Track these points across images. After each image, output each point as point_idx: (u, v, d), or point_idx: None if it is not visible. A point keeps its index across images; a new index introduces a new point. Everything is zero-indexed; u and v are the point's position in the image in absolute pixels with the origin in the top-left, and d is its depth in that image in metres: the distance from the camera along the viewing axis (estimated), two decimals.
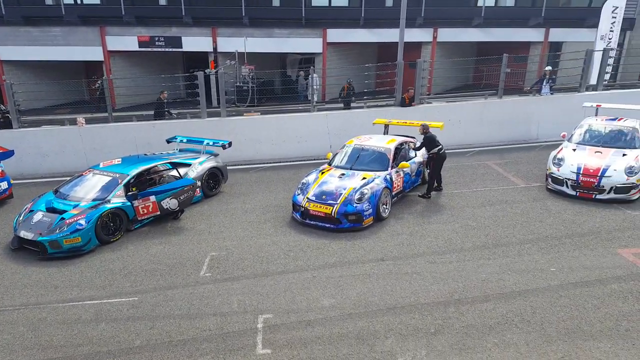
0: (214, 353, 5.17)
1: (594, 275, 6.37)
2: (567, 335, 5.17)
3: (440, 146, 9.33)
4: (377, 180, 8.45)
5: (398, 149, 9.36)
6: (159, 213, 8.47)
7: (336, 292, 6.21)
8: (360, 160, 9.12)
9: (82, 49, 20.83)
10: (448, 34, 21.68)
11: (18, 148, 10.92)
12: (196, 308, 6.03)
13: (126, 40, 20.99)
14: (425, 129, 9.41)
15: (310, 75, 13.62)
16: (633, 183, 8.64)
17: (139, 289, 6.58)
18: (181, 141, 10.86)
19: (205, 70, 15.10)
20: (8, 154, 10.15)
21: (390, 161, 8.96)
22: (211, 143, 10.60)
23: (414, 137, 10.31)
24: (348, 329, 5.44)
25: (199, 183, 9.65)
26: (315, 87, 13.96)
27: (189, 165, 9.86)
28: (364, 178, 8.50)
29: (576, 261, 6.76)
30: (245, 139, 12.47)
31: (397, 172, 8.95)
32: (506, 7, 22.47)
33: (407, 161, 9.31)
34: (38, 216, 7.85)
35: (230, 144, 10.65)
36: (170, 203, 8.47)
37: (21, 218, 8.02)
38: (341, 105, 15.38)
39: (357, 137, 9.95)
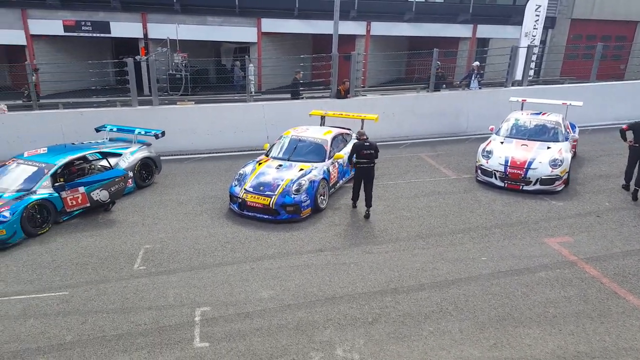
0: (150, 347, 4.97)
1: (522, 264, 6.66)
2: (499, 322, 5.37)
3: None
4: (314, 171, 8.45)
5: (334, 140, 9.40)
6: (89, 205, 7.96)
7: (275, 283, 6.17)
8: (298, 151, 9.08)
9: (2, 32, 18.87)
10: (381, 28, 22.08)
11: None
12: (130, 302, 5.76)
13: (50, 24, 19.29)
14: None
15: (246, 65, 13.30)
16: (557, 175, 9.07)
17: (70, 283, 6.18)
18: (111, 130, 10.25)
19: (136, 57, 14.26)
20: None
21: (328, 152, 9.00)
22: (143, 132, 10.09)
23: (349, 129, 10.43)
24: (287, 320, 5.42)
25: (130, 174, 9.21)
26: (251, 77, 13.65)
27: (119, 155, 9.36)
28: (301, 169, 8.47)
29: (505, 250, 7.05)
30: (179, 128, 11.97)
31: (333, 163, 9.01)
32: (436, 3, 23.25)
33: (341, 152, 9.36)
34: None
35: (163, 133, 10.18)
36: (101, 194, 7.99)
37: None
38: (278, 96, 15.19)
39: (294, 128, 9.89)
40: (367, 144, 8.11)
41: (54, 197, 7.65)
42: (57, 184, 7.78)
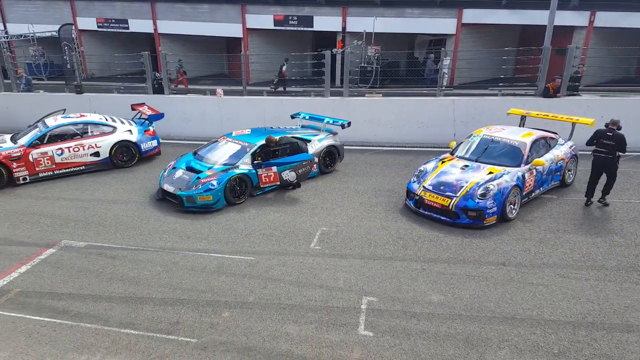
0: (318, 324, 5.34)
1: None
2: None
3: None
4: (506, 176, 7.82)
5: (534, 145, 8.52)
6: (278, 183, 8.92)
7: (447, 289, 5.95)
8: (489, 152, 8.52)
9: (225, 26, 22.63)
10: (608, 18, 19.00)
11: (167, 112, 12.34)
12: (305, 277, 6.28)
13: (263, 19, 22.25)
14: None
15: (441, 58, 13.03)
16: None
17: (256, 250, 7.07)
18: (304, 118, 11.24)
19: (333, 50, 15.33)
20: (159, 116, 11.69)
21: (525, 157, 8.22)
22: (331, 122, 10.79)
23: (556, 133, 9.31)
24: (456, 329, 5.18)
25: (316, 159, 9.94)
26: (444, 70, 13.30)
27: (309, 141, 10.18)
28: (490, 172, 7.94)
29: None
30: (364, 120, 12.45)
31: (530, 170, 8.19)
32: None
33: (542, 158, 8.43)
34: (179, 173, 8.91)
35: (349, 124, 10.72)
36: (289, 175, 8.87)
37: (165, 173, 9.17)
38: (472, 91, 14.48)
39: (487, 127, 9.31)
40: (610, 134, 7.76)
41: (251, 173, 8.83)
42: (255, 162, 8.94)
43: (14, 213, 8.45)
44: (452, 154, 8.91)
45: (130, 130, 11.05)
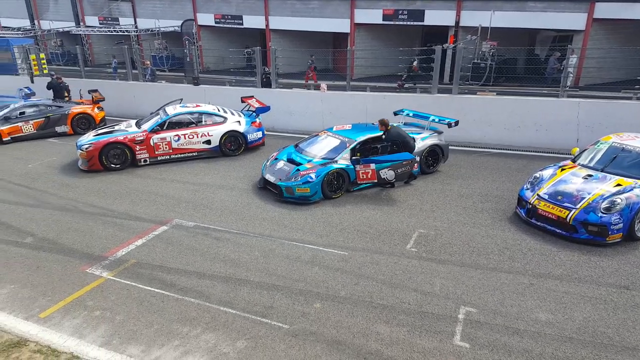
0: (410, 327, 5.25)
1: None
2: None
3: None
4: (637, 190, 7.01)
5: None
6: (375, 181, 8.91)
7: (557, 308, 5.50)
8: (618, 162, 7.69)
9: (333, 21, 23.08)
10: None
11: (273, 105, 12.93)
12: (398, 278, 6.20)
13: (372, 13, 22.28)
14: None
15: (567, 56, 11.99)
16: None
17: (350, 245, 7.14)
18: (407, 115, 11.05)
19: (444, 45, 14.85)
20: (265, 109, 12.33)
21: None
22: (437, 120, 10.48)
23: None
24: (565, 353, 4.78)
25: (417, 158, 9.73)
26: (570, 69, 12.21)
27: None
28: (618, 184, 7.17)
29: None
30: (474, 119, 11.91)
31: None
32: None
33: None
34: (280, 164, 9.34)
35: (456, 123, 10.32)
36: (388, 174, 8.80)
37: (268, 163, 9.66)
38: (601, 93, 13.14)
39: (617, 133, 8.42)
40: None
41: (349, 169, 8.92)
42: (353, 157, 9.02)
43: (135, 191, 9.48)
44: (573, 161, 8.21)
45: (239, 122, 11.77)
